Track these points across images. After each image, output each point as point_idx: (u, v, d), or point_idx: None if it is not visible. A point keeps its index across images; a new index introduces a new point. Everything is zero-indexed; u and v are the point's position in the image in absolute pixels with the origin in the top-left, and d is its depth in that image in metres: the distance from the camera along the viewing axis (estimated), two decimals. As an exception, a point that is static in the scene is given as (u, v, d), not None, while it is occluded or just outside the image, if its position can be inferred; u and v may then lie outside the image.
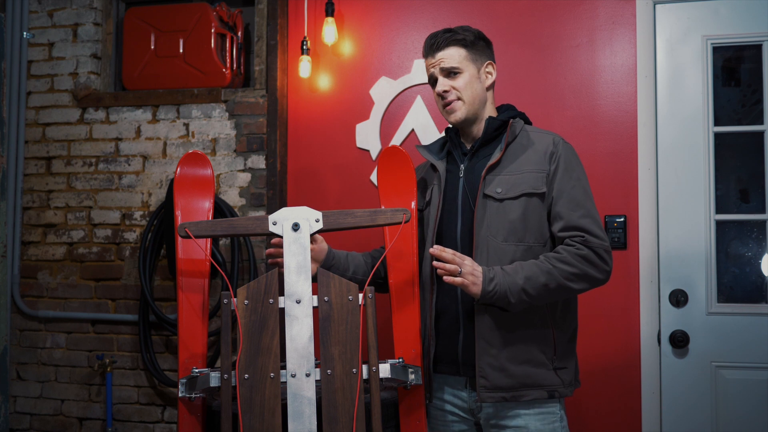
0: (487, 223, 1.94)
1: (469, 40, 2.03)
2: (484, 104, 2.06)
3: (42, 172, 3.29)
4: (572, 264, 1.87)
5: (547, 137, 2.01)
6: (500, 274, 1.84)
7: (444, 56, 2.01)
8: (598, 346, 2.77)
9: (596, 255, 1.89)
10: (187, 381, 1.84)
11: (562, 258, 1.87)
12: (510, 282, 1.83)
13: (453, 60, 2.01)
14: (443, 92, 2.02)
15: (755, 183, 2.75)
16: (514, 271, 1.86)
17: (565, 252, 1.88)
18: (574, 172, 1.97)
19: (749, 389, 2.66)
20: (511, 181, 1.95)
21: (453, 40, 2.02)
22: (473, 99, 2.02)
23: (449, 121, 2.06)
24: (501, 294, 1.83)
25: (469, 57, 2.02)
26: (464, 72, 2.02)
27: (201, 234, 1.84)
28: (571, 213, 1.92)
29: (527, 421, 1.93)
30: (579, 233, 1.90)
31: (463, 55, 2.02)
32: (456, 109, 2.02)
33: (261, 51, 3.12)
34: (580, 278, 1.88)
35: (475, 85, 2.03)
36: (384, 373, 1.81)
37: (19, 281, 3.26)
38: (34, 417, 3.24)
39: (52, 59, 3.31)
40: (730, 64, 2.83)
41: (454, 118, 2.03)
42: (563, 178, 1.94)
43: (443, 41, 2.02)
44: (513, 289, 1.83)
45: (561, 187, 1.94)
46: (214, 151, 3.12)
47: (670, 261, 2.73)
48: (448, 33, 2.03)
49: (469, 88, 2.02)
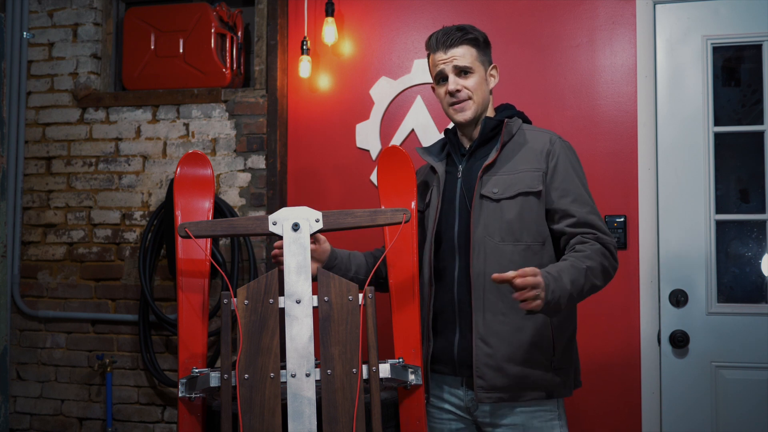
0: (484, 223, 1.94)
1: (480, 40, 2.02)
2: (487, 107, 2.06)
3: (42, 172, 3.29)
4: (596, 260, 1.85)
5: (543, 136, 2.01)
6: (552, 281, 1.74)
7: (457, 54, 1.99)
8: (599, 345, 2.77)
9: (609, 251, 1.89)
10: (187, 381, 1.84)
11: (587, 255, 1.85)
12: (562, 288, 1.75)
13: (466, 59, 1.99)
14: (455, 91, 1.99)
15: (755, 183, 2.75)
16: (559, 276, 1.77)
17: (588, 249, 1.86)
18: (576, 170, 1.97)
19: (749, 389, 2.66)
20: (507, 181, 1.95)
21: (466, 39, 2.00)
22: (482, 100, 2.02)
23: (455, 120, 2.05)
24: (555, 302, 1.74)
25: (479, 58, 2.02)
26: (476, 73, 2.00)
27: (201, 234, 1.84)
28: (580, 209, 1.91)
29: (524, 419, 1.94)
30: (591, 230, 1.90)
31: (474, 55, 2.01)
32: (466, 108, 2.00)
33: (261, 51, 3.12)
34: (602, 274, 1.87)
35: (483, 86, 2.03)
36: (384, 373, 1.81)
37: (19, 281, 3.26)
38: (34, 417, 3.24)
39: (52, 59, 3.31)
40: (730, 64, 2.83)
41: (463, 117, 2.01)
42: (566, 176, 1.94)
43: (457, 39, 1.99)
44: (564, 296, 1.76)
45: (565, 185, 1.94)
46: (214, 151, 3.12)
47: (670, 261, 2.73)
48: (461, 31, 2.00)
49: (480, 90, 2.01)
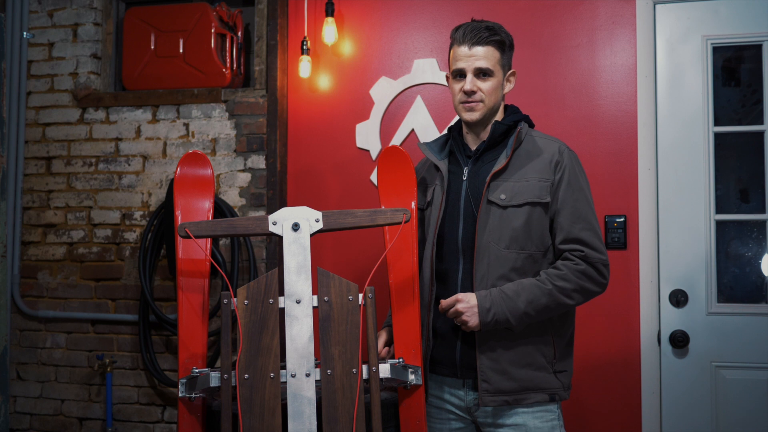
0: (490, 229, 1.93)
1: (506, 44, 2.00)
2: (497, 111, 2.05)
3: (42, 172, 3.29)
4: (571, 280, 1.89)
5: (553, 145, 2.00)
6: (498, 301, 1.87)
7: (481, 54, 1.96)
8: (599, 346, 2.77)
9: (595, 270, 1.91)
10: (187, 381, 1.84)
11: (562, 275, 1.90)
12: (511, 307, 1.86)
13: (489, 61, 1.97)
14: (470, 92, 1.98)
15: (755, 183, 2.75)
16: (516, 294, 1.87)
17: (565, 269, 1.90)
18: (578, 183, 1.96)
19: (749, 389, 2.66)
20: (516, 188, 1.95)
21: (492, 40, 1.97)
22: (493, 104, 2.01)
23: (462, 117, 2.04)
24: (502, 320, 1.88)
25: (501, 61, 2.00)
26: (495, 76, 1.99)
27: (201, 234, 1.84)
28: (572, 225, 1.92)
29: (526, 420, 1.94)
30: (579, 247, 1.91)
31: (497, 58, 1.99)
32: (476, 110, 1.99)
33: (261, 51, 3.12)
34: (577, 293, 1.91)
35: (498, 91, 2.01)
36: (384, 373, 1.81)
37: (19, 281, 3.26)
38: (34, 417, 3.24)
39: (52, 59, 3.31)
40: (730, 64, 2.83)
41: (471, 117, 2.00)
42: (567, 190, 1.94)
43: (483, 38, 1.96)
44: (514, 314, 1.87)
45: (564, 198, 1.94)
46: (214, 151, 3.12)
47: (670, 261, 2.73)
48: (489, 30, 1.97)
49: (494, 94, 2.00)
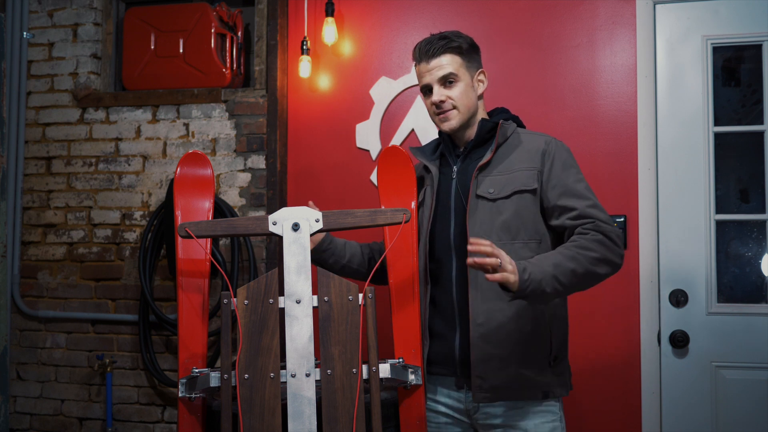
0: (480, 223, 1.94)
1: (464, 47, 2.01)
2: (476, 113, 2.06)
3: (42, 172, 3.29)
4: (592, 249, 1.84)
5: (539, 138, 2.01)
6: (529, 265, 1.77)
7: (439, 64, 1.98)
8: (599, 345, 2.77)
9: (610, 239, 1.87)
10: (187, 381, 1.84)
11: (581, 245, 1.84)
12: (541, 271, 1.76)
13: (449, 67, 1.98)
14: (439, 102, 1.99)
15: (755, 183, 2.75)
16: (540, 261, 1.80)
17: (582, 239, 1.86)
18: (573, 168, 1.97)
19: (749, 389, 2.66)
20: (503, 180, 1.95)
21: (449, 47, 1.98)
22: (467, 108, 2.01)
23: (441, 129, 2.05)
24: (535, 283, 1.74)
25: (464, 65, 2.00)
26: (460, 80, 1.99)
27: (201, 234, 1.84)
28: (579, 203, 1.91)
29: (526, 421, 1.94)
30: (590, 220, 1.89)
31: (458, 62, 1.99)
32: (451, 118, 2.00)
33: (261, 51, 3.12)
34: (602, 262, 1.85)
35: (469, 93, 2.01)
36: (384, 373, 1.81)
37: (19, 281, 3.26)
38: (34, 417, 3.24)
39: (52, 59, 3.31)
40: (730, 64, 2.83)
41: (448, 126, 2.02)
42: (563, 174, 1.95)
43: (439, 48, 1.98)
44: (546, 278, 1.76)
45: (563, 182, 1.94)
46: (214, 151, 3.12)
47: (670, 261, 2.73)
48: (444, 40, 1.99)
49: (465, 97, 2.00)
